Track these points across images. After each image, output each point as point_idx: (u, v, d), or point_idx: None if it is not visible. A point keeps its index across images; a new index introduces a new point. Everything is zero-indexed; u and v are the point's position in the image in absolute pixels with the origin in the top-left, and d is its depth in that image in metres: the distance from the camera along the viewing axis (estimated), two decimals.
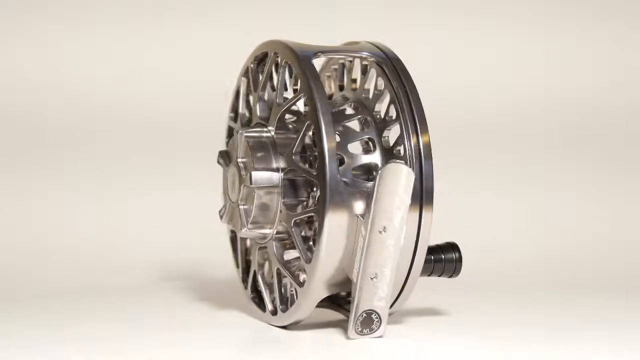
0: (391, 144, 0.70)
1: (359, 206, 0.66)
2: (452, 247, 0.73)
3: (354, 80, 0.74)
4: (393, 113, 0.70)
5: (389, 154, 0.69)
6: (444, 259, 0.72)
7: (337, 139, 0.70)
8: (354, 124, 0.72)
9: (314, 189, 0.69)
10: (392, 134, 0.70)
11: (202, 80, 1.04)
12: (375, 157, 0.70)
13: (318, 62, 0.77)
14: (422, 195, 0.67)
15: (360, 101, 0.73)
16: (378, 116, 0.71)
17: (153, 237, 0.97)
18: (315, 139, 0.66)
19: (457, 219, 0.97)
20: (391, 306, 0.70)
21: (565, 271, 0.96)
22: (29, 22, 1.04)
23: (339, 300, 0.74)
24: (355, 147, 0.71)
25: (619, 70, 1.15)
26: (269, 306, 0.73)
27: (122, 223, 0.99)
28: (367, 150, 0.71)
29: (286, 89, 0.72)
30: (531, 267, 0.97)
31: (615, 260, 1.00)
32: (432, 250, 0.73)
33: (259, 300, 0.75)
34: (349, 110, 0.73)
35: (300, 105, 0.72)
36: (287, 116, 0.72)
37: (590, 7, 1.15)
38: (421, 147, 0.68)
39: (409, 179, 0.64)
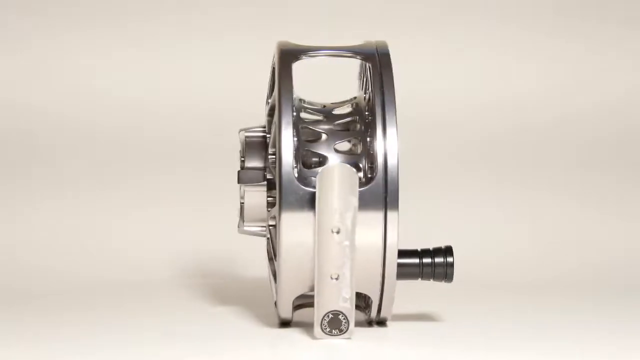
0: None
1: None
2: (445, 250, 0.70)
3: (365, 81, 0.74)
4: None
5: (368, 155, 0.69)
6: (433, 263, 0.70)
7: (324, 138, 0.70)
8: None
9: None
10: None
11: (238, 80, 1.06)
12: (359, 158, 0.69)
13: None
14: (386, 197, 0.66)
15: (359, 101, 0.72)
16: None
17: (180, 235, 1.00)
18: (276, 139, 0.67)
19: (456, 220, 0.96)
20: (379, 312, 0.70)
21: (561, 275, 0.93)
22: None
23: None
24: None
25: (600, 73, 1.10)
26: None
27: (138, 222, 1.01)
28: (351, 151, 0.71)
29: None
30: (529, 271, 0.94)
31: (613, 262, 0.95)
32: (424, 253, 0.71)
33: None
34: (348, 110, 0.72)
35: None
36: None
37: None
38: (386, 147, 0.66)
39: (346, 177, 0.64)
